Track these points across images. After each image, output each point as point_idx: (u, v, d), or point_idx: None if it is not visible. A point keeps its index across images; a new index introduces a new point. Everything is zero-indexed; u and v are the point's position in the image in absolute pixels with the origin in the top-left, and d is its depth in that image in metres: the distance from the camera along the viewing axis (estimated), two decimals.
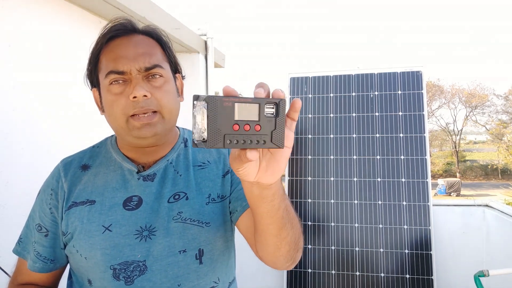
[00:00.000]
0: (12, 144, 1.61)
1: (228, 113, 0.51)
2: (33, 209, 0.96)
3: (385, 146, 2.52)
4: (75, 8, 1.99)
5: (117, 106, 0.83)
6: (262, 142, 0.54)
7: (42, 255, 0.92)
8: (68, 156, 0.98)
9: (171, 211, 0.87)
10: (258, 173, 0.60)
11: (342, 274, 2.43)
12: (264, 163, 0.60)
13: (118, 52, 0.85)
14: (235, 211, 0.92)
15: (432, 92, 26.41)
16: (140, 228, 0.86)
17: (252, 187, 0.66)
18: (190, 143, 0.98)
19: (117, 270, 0.84)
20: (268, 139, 0.54)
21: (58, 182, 0.92)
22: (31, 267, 0.93)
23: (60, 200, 0.91)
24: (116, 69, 0.83)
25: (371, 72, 2.65)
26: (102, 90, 0.88)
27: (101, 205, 0.88)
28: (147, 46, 0.87)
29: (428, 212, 2.39)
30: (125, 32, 0.88)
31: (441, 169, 28.68)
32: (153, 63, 0.85)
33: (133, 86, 0.82)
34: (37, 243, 0.92)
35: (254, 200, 0.69)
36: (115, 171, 0.91)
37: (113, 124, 0.87)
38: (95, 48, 0.88)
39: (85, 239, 0.86)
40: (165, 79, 0.87)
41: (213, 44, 3.41)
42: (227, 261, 0.95)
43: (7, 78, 1.60)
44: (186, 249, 0.87)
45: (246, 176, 0.60)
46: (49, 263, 0.93)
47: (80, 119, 2.01)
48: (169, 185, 0.90)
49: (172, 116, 0.88)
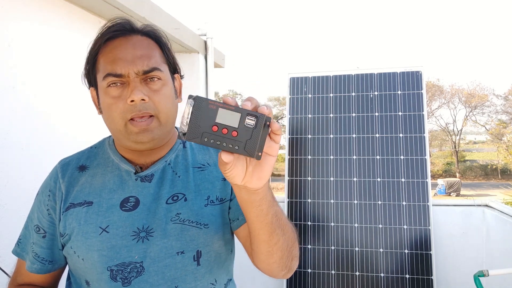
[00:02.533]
0: (12, 144, 1.61)
1: (210, 115, 0.58)
2: (32, 210, 0.96)
3: (385, 146, 2.52)
4: (74, 8, 1.99)
5: (115, 110, 0.83)
6: (236, 148, 0.59)
7: (40, 256, 0.92)
8: (66, 157, 0.98)
9: (169, 212, 0.87)
10: (245, 178, 0.65)
11: (341, 274, 2.43)
12: (251, 168, 0.65)
13: (116, 54, 0.84)
14: (236, 219, 0.93)
15: (432, 92, 26.42)
16: (137, 229, 0.85)
17: (241, 191, 0.69)
18: (189, 143, 0.98)
19: (114, 271, 0.84)
20: (242, 146, 0.59)
21: (55, 183, 0.92)
22: (29, 268, 0.92)
23: (58, 201, 0.90)
24: (114, 71, 0.83)
25: (371, 72, 2.65)
26: (99, 92, 0.87)
27: (98, 206, 0.87)
28: (145, 48, 0.86)
29: (428, 212, 2.39)
30: (124, 32, 0.87)
31: (440, 169, 28.69)
32: (152, 66, 0.84)
33: (131, 90, 0.82)
34: (35, 244, 0.92)
35: (243, 204, 0.73)
36: (113, 172, 0.91)
37: (110, 126, 0.87)
38: (93, 48, 0.88)
39: (82, 240, 0.85)
40: (163, 82, 0.87)
41: (212, 44, 3.41)
42: (224, 262, 0.95)
43: (6, 78, 1.60)
44: (184, 251, 0.86)
45: (233, 178, 0.64)
46: (47, 264, 0.92)
47: (79, 119, 2.01)
48: (167, 186, 0.89)
49: (169, 119, 0.88)
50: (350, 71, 2.69)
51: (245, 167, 0.64)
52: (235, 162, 0.63)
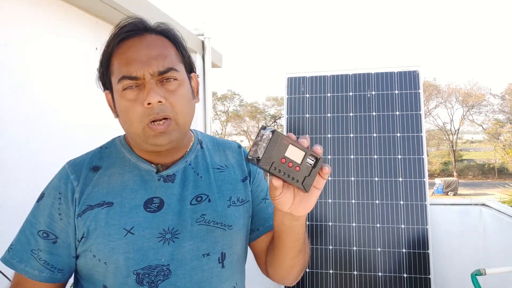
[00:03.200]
0: (9, 145, 1.61)
1: (282, 148, 0.67)
2: (33, 214, 0.87)
3: (382, 145, 2.52)
4: (71, 8, 1.98)
5: (132, 113, 0.80)
6: (295, 181, 0.69)
7: (49, 263, 0.84)
8: (74, 158, 0.92)
9: (194, 214, 0.85)
10: (292, 205, 0.73)
11: (339, 274, 2.43)
12: (298, 198, 0.73)
13: (130, 55, 0.81)
14: (256, 230, 0.93)
15: (429, 91, 26.49)
16: (163, 231, 0.83)
17: (284, 217, 0.78)
18: (205, 144, 0.96)
19: (141, 275, 0.81)
20: (301, 180, 0.69)
21: (66, 185, 0.86)
22: (37, 276, 0.84)
23: (71, 204, 0.84)
24: (129, 74, 0.80)
25: (368, 72, 2.65)
26: (115, 95, 0.84)
27: (120, 207, 0.83)
28: (160, 47, 0.83)
29: (425, 211, 2.40)
30: (137, 32, 0.84)
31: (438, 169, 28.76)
32: (167, 66, 0.81)
33: (147, 92, 0.79)
34: (43, 251, 0.84)
35: (283, 228, 0.81)
36: (132, 172, 0.87)
37: (128, 130, 0.84)
38: (106, 50, 0.84)
39: (105, 243, 0.81)
40: (180, 82, 0.83)
41: (210, 44, 3.41)
42: (242, 265, 0.94)
43: (3, 78, 1.60)
44: (209, 253, 0.85)
45: (281, 205, 0.73)
46: (57, 273, 0.85)
47: (78, 120, 2.01)
48: (190, 187, 0.87)
49: (186, 121, 0.85)
50: (347, 71, 2.69)
51: (293, 196, 0.73)
52: (284, 190, 0.71)
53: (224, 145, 1.00)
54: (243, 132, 30.61)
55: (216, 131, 28.98)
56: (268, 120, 30.11)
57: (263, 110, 30.91)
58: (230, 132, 31.35)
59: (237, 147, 1.01)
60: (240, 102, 31.33)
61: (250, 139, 29.86)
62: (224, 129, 30.81)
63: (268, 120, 30.12)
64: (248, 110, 30.81)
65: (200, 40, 3.36)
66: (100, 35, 2.08)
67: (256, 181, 0.98)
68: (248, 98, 49.53)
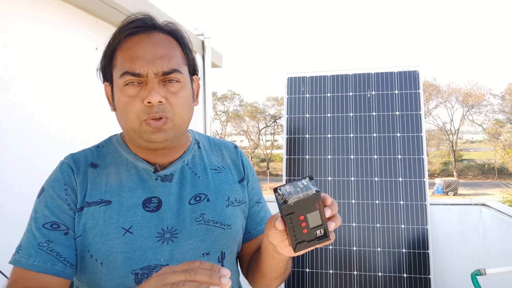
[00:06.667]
0: (9, 145, 1.61)
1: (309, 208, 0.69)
2: (36, 210, 0.83)
3: (382, 145, 2.52)
4: (71, 7, 1.98)
5: (130, 109, 0.80)
6: (295, 238, 0.70)
7: (62, 255, 0.79)
8: (73, 153, 0.90)
9: (193, 213, 0.85)
10: (280, 243, 0.73)
11: (339, 274, 2.43)
12: (287, 242, 0.72)
13: (136, 52, 0.80)
14: (248, 233, 0.94)
15: (429, 91, 26.49)
16: (161, 231, 0.82)
17: (269, 244, 0.78)
18: (202, 144, 0.97)
19: (139, 275, 0.79)
20: (299, 240, 0.70)
21: (70, 177, 0.84)
22: (49, 269, 0.77)
23: (75, 196, 0.82)
24: (133, 70, 0.79)
25: (368, 72, 2.65)
26: (115, 88, 0.83)
27: (118, 206, 0.82)
28: (167, 47, 0.82)
29: (425, 211, 2.40)
30: (145, 29, 0.83)
31: (438, 169, 28.76)
32: (172, 67, 0.81)
33: (149, 91, 0.78)
34: (55, 243, 0.79)
35: (266, 253, 0.83)
36: (129, 171, 0.86)
37: (124, 125, 0.84)
38: (112, 43, 0.83)
39: (102, 242, 0.79)
40: (182, 84, 0.83)
41: (210, 44, 3.41)
42: (237, 265, 0.95)
43: (2, 78, 1.60)
44: (209, 252, 0.85)
45: (271, 238, 0.73)
46: (69, 268, 0.80)
47: (77, 120, 2.01)
48: (188, 187, 0.87)
49: (184, 122, 0.85)
50: (347, 71, 2.69)
51: (285, 237, 0.72)
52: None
53: (221, 145, 1.00)
54: (243, 132, 30.60)
55: (216, 131, 28.97)
56: (268, 120, 30.12)
57: (263, 110, 30.90)
58: (230, 132, 31.37)
59: (233, 147, 1.01)
60: (240, 102, 31.35)
61: (250, 139, 29.87)
62: (224, 129, 30.83)
63: (268, 120, 30.13)
64: (248, 110, 30.81)
65: (200, 40, 3.36)
66: (100, 35, 2.08)
67: (251, 184, 0.99)
68: (248, 98, 49.61)
